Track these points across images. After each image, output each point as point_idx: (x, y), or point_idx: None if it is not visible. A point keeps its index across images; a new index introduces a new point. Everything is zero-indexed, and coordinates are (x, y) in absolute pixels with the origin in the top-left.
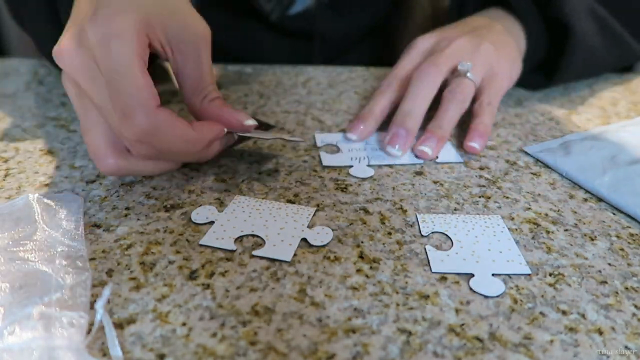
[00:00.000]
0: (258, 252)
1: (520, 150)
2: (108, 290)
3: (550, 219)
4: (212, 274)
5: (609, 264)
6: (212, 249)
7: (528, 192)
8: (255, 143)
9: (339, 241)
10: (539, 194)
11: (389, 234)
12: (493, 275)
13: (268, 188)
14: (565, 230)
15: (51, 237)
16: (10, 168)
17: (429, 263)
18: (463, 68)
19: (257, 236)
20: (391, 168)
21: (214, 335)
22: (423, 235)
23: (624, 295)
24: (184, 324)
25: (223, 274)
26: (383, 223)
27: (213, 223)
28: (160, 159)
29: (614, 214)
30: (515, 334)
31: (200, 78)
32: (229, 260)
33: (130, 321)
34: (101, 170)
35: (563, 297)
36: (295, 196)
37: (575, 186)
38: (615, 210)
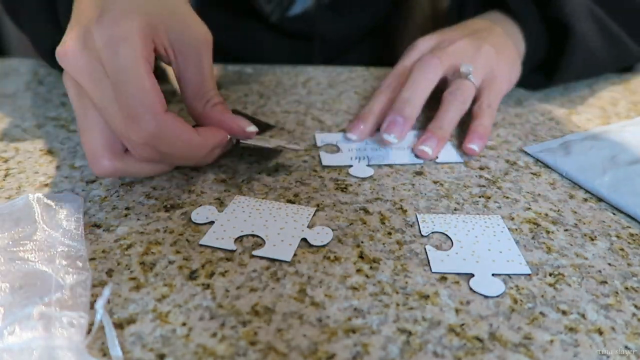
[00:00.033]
0: (258, 252)
1: (520, 150)
2: (108, 290)
3: (550, 219)
4: (212, 274)
5: (609, 264)
6: (212, 249)
7: (528, 192)
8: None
9: (339, 241)
10: (539, 194)
11: (389, 234)
12: (493, 275)
13: (268, 188)
14: (565, 230)
15: (51, 237)
16: (10, 168)
17: (429, 263)
18: (465, 70)
19: (257, 236)
20: (391, 168)
21: (214, 335)
22: (423, 235)
23: (624, 295)
24: (184, 324)
25: (223, 274)
26: (383, 223)
27: (213, 223)
28: (162, 162)
29: (614, 214)
30: (515, 334)
31: (201, 82)
32: (229, 260)
33: (130, 321)
34: (95, 172)
35: (563, 297)
36: (295, 196)
37: (575, 186)
38: (615, 210)
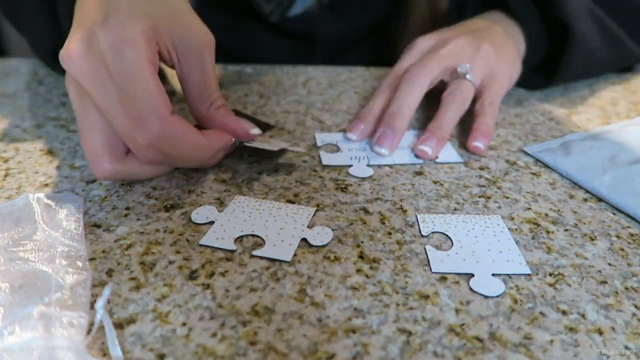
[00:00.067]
0: (258, 252)
1: (520, 150)
2: (108, 290)
3: (550, 219)
4: (212, 274)
5: (609, 264)
6: (212, 249)
7: (528, 192)
8: None
9: (339, 241)
10: (539, 194)
11: (389, 234)
12: (493, 275)
13: (268, 188)
14: (565, 230)
15: (51, 237)
16: (10, 168)
17: (429, 263)
18: (462, 70)
19: (257, 236)
20: (391, 168)
21: (214, 335)
22: (423, 235)
23: (624, 295)
24: (184, 324)
25: (223, 274)
26: (383, 223)
27: (213, 223)
28: (164, 164)
29: (614, 214)
30: (515, 334)
31: (204, 84)
32: (229, 260)
33: (130, 321)
34: (96, 175)
35: (563, 297)
36: (295, 196)
37: (575, 186)
38: (615, 210)
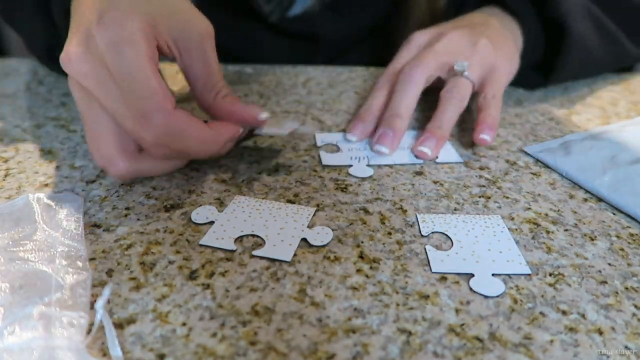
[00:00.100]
0: (258, 252)
1: (520, 150)
2: (108, 290)
3: (550, 219)
4: (212, 274)
5: (609, 264)
6: (212, 249)
7: (528, 192)
8: (255, 143)
9: (339, 241)
10: (539, 194)
11: (389, 234)
12: (493, 275)
13: (268, 188)
14: (565, 230)
15: (51, 237)
16: (10, 168)
17: (429, 263)
18: (459, 68)
19: (257, 236)
20: (391, 168)
21: (214, 335)
22: (423, 235)
23: (624, 295)
24: (184, 324)
25: (223, 274)
26: (383, 223)
27: (213, 223)
28: (177, 158)
29: (614, 214)
30: (515, 334)
31: (209, 75)
32: (229, 260)
33: (130, 321)
34: (113, 175)
35: (563, 297)
36: (295, 196)
37: (575, 186)
38: (615, 210)
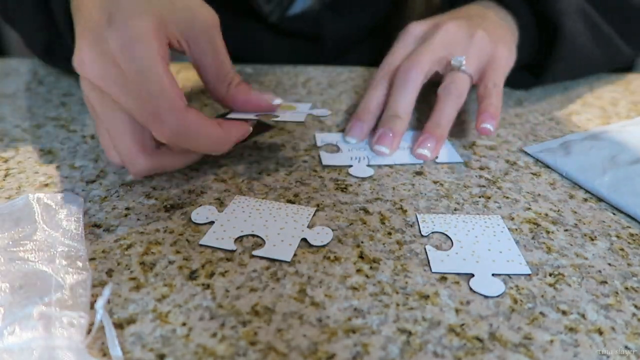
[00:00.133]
0: (258, 252)
1: (520, 150)
2: (108, 290)
3: (550, 219)
4: (212, 274)
5: (609, 264)
6: (212, 249)
7: (528, 192)
8: (255, 143)
9: (339, 241)
10: (539, 194)
11: (389, 234)
12: (493, 275)
13: (268, 188)
14: (565, 230)
15: (51, 237)
16: (10, 168)
17: (429, 263)
18: (456, 63)
19: (257, 236)
20: (391, 168)
21: (214, 335)
22: (423, 235)
23: (624, 295)
24: (184, 324)
25: (223, 274)
26: (383, 223)
27: (213, 223)
28: (192, 152)
29: (614, 214)
30: (515, 334)
31: (219, 65)
32: (229, 260)
33: (130, 321)
34: (133, 173)
35: (563, 297)
36: (295, 196)
37: (575, 186)
38: (615, 210)
